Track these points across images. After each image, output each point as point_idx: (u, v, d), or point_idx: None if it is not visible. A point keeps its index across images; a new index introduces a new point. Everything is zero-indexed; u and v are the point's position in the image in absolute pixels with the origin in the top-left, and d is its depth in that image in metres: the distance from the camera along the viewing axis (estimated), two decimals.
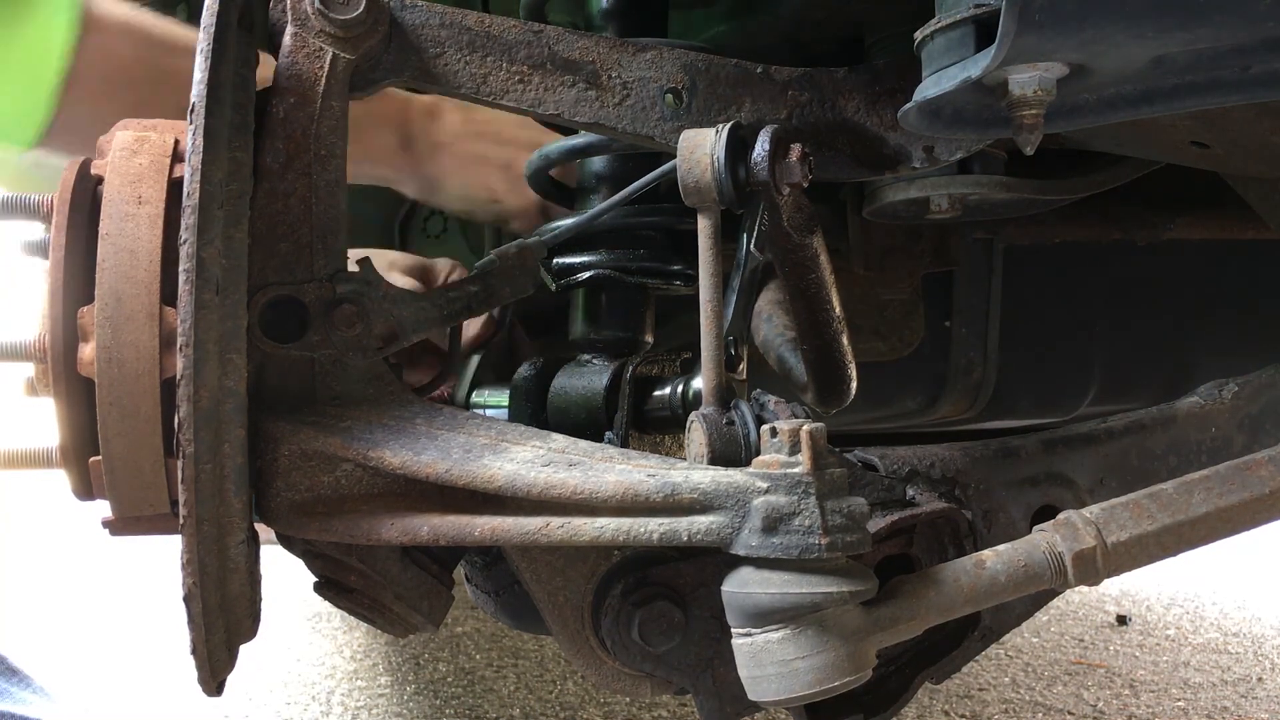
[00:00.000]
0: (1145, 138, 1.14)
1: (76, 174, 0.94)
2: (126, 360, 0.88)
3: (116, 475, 0.90)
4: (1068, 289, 1.94)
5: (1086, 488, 1.12)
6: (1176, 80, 0.85)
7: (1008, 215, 1.51)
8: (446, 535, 0.89)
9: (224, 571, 0.89)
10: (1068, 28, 0.76)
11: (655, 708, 2.45)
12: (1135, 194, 1.67)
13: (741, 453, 0.92)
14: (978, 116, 0.91)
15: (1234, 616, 3.44)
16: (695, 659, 0.96)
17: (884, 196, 1.38)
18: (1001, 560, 0.88)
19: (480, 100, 1.03)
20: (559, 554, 0.95)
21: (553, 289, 1.25)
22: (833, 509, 0.82)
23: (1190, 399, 1.22)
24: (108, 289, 0.88)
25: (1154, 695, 2.58)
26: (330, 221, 0.95)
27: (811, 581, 0.82)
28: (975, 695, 2.55)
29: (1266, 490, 0.94)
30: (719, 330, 0.93)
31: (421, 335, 1.01)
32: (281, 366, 0.95)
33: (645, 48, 1.06)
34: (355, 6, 0.97)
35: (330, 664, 2.92)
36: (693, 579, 0.95)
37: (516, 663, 2.84)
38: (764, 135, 0.95)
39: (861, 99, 1.10)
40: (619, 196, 1.08)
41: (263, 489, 0.93)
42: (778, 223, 1.04)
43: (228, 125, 0.88)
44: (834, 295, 1.12)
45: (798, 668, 0.81)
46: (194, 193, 0.84)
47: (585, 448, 0.91)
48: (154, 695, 2.67)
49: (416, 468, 0.89)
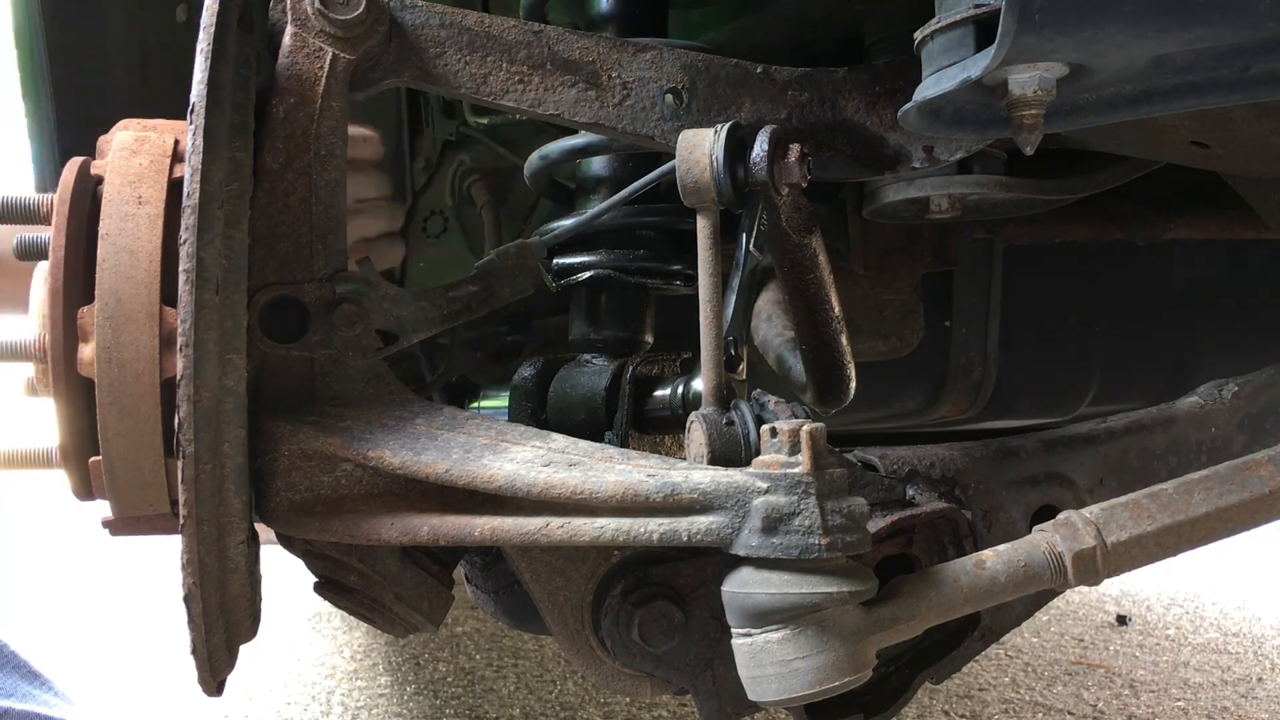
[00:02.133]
0: (1145, 138, 1.14)
1: (76, 174, 0.94)
2: (126, 360, 0.88)
3: (116, 475, 0.90)
4: (1068, 289, 1.94)
5: (1086, 488, 1.12)
6: (1176, 80, 0.85)
7: (1008, 215, 1.51)
8: (446, 535, 0.89)
9: (224, 571, 0.89)
10: (1068, 27, 0.76)
11: (655, 708, 2.45)
12: (1135, 194, 1.67)
13: (741, 453, 0.92)
14: (978, 116, 0.91)
15: (1234, 616, 3.44)
16: (695, 659, 0.96)
17: (884, 196, 1.38)
18: (1001, 560, 0.88)
19: (480, 100, 1.03)
20: (559, 554, 0.95)
21: (553, 289, 1.25)
22: (833, 509, 0.82)
23: (1190, 399, 1.22)
24: (108, 289, 0.88)
25: (1154, 695, 2.58)
26: (330, 221, 0.95)
27: (811, 581, 0.82)
28: (975, 695, 2.55)
29: (1266, 490, 0.94)
30: (719, 330, 0.93)
31: (422, 335, 1.01)
32: (281, 366, 0.95)
33: (645, 48, 1.06)
34: (355, 6, 0.97)
35: (330, 664, 2.92)
36: (693, 579, 0.95)
37: (516, 663, 2.85)
38: (763, 135, 0.95)
39: (861, 99, 1.10)
40: (618, 196, 1.08)
41: (262, 489, 0.93)
42: (776, 223, 1.04)
43: (227, 125, 0.88)
44: (833, 295, 1.12)
45: (798, 668, 0.81)
46: (194, 193, 0.84)
47: (585, 448, 0.91)
48: (154, 695, 2.67)
49: (416, 468, 0.89)
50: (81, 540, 5.07)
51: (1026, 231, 1.79)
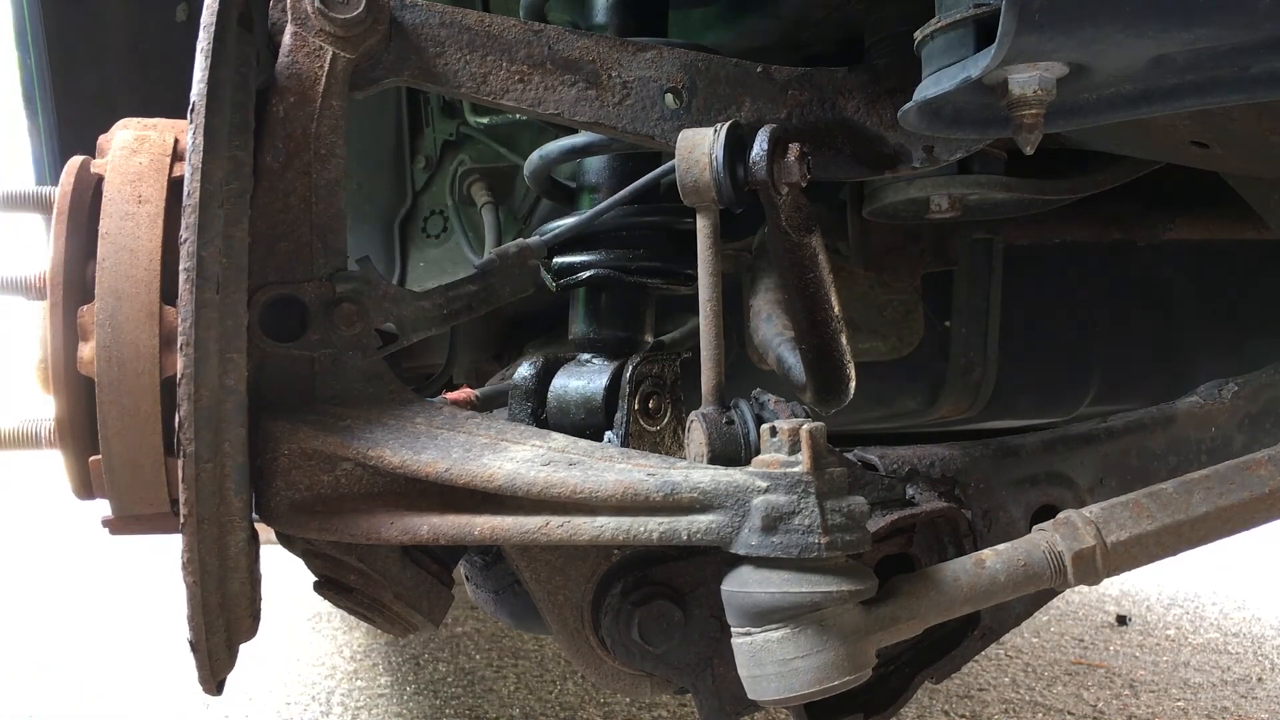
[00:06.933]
0: (1145, 138, 1.14)
1: (76, 173, 0.94)
2: (126, 359, 0.88)
3: (116, 474, 0.90)
4: (1068, 289, 1.94)
5: (1086, 487, 1.12)
6: (1176, 80, 0.85)
7: (1008, 215, 1.51)
8: (446, 534, 0.89)
9: (224, 571, 0.89)
10: (1068, 27, 0.76)
11: (655, 708, 2.45)
12: (1135, 194, 1.67)
13: (741, 452, 0.92)
14: (978, 116, 0.91)
15: (1234, 616, 3.44)
16: (695, 658, 0.96)
17: (884, 196, 1.38)
18: (1001, 559, 0.88)
19: (480, 99, 1.03)
20: (559, 553, 0.95)
21: (553, 289, 1.25)
22: (832, 508, 0.82)
23: (1190, 399, 1.22)
24: (108, 288, 0.88)
25: (1154, 695, 2.58)
26: (330, 220, 0.95)
27: (811, 581, 0.82)
28: (975, 695, 2.55)
29: (1266, 490, 0.94)
30: (719, 330, 0.93)
31: (422, 334, 1.01)
32: (281, 365, 0.95)
33: (645, 47, 1.06)
34: (355, 6, 0.97)
35: (330, 664, 2.91)
36: (692, 578, 0.95)
37: (516, 663, 2.84)
38: (762, 135, 0.95)
39: (861, 99, 1.10)
40: (618, 196, 1.08)
41: (262, 488, 0.93)
42: (776, 222, 1.04)
43: (228, 124, 0.88)
44: (833, 295, 1.12)
45: (797, 667, 0.82)
46: (194, 192, 0.84)
47: (585, 447, 0.91)
48: (154, 695, 2.67)
49: (416, 467, 0.89)
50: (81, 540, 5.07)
51: (1026, 231, 1.79)
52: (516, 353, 1.94)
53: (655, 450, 1.10)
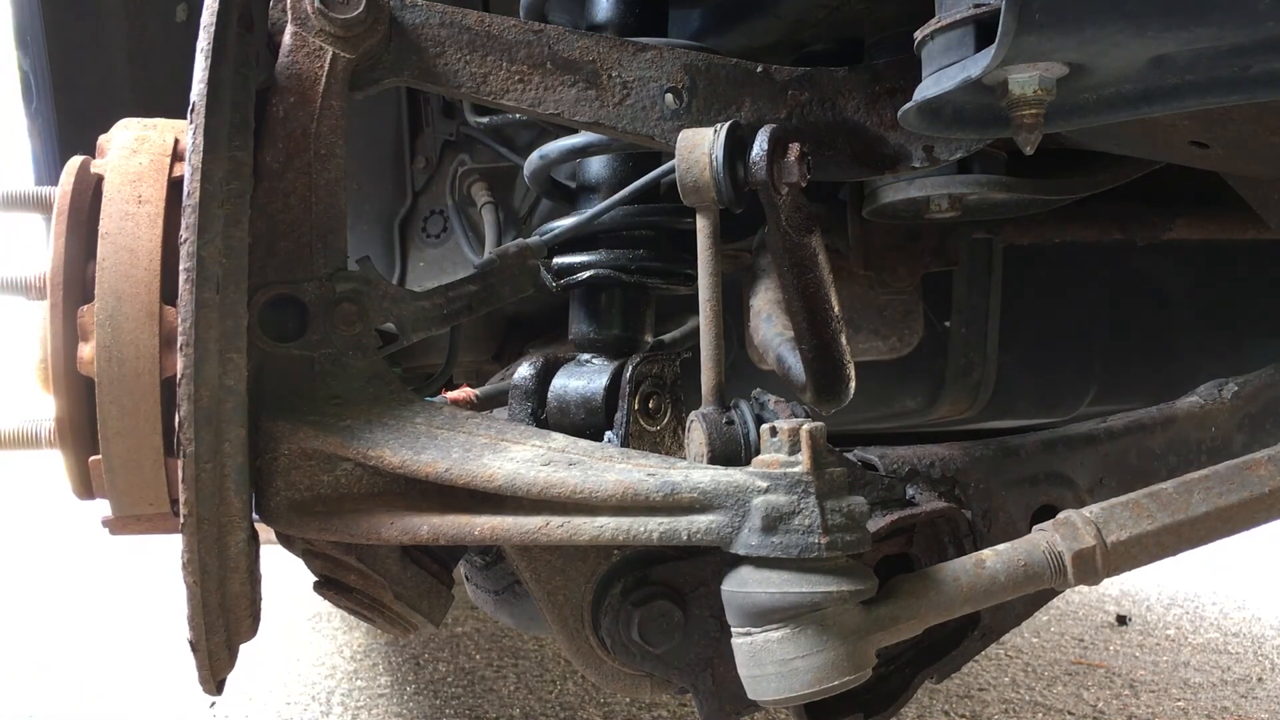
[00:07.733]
0: (1145, 138, 1.14)
1: (76, 173, 0.94)
2: (127, 359, 0.88)
3: (116, 474, 0.90)
4: (1067, 289, 1.94)
5: (1086, 487, 1.12)
6: (1176, 80, 0.85)
7: (1008, 215, 1.51)
8: (446, 534, 0.89)
9: (224, 571, 0.89)
10: (1068, 27, 0.76)
11: (655, 708, 2.45)
12: (1135, 194, 1.67)
13: (741, 452, 0.92)
14: (978, 116, 0.91)
15: (1234, 616, 3.44)
16: (695, 658, 0.96)
17: (884, 196, 1.38)
18: (1001, 559, 0.89)
19: (480, 99, 1.03)
20: (559, 553, 0.95)
21: (553, 289, 1.25)
22: (832, 508, 0.82)
23: (1190, 399, 1.22)
24: (108, 288, 0.88)
25: (1154, 695, 2.58)
26: (330, 220, 0.95)
27: (811, 581, 0.82)
28: (975, 695, 2.55)
29: (1266, 490, 0.94)
30: (719, 330, 0.93)
31: (422, 334, 1.01)
32: (281, 365, 0.95)
33: (645, 47, 1.06)
34: (355, 6, 0.97)
35: (330, 664, 2.91)
36: (692, 578, 0.95)
37: (516, 663, 2.84)
38: (762, 135, 0.95)
39: (861, 99, 1.10)
40: (618, 196, 1.08)
41: (262, 488, 0.93)
42: (776, 222, 1.04)
43: (228, 124, 0.88)
44: (832, 295, 1.12)
45: (797, 667, 0.82)
46: (194, 192, 0.84)
47: (585, 447, 0.91)
48: (154, 695, 2.67)
49: (416, 467, 0.89)
50: (81, 540, 5.07)
51: (1026, 231, 1.79)
52: (516, 353, 1.94)
53: (655, 450, 1.10)
